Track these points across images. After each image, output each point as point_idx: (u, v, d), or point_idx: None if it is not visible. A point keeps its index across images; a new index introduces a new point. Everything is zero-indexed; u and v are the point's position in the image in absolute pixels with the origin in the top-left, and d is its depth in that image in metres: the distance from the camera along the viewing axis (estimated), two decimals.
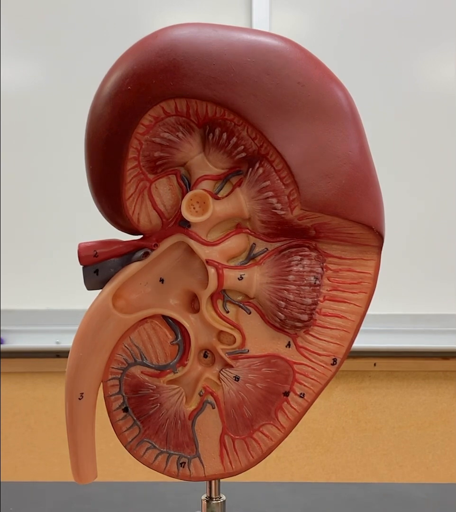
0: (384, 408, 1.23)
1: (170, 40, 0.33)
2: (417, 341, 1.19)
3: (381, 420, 1.23)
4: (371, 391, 1.22)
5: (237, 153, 0.35)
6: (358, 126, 0.35)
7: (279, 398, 0.38)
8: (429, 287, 1.22)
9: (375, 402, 1.23)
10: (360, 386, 1.22)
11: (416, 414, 1.23)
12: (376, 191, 0.35)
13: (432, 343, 1.19)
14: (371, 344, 1.17)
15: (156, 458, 0.40)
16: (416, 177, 1.21)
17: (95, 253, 0.37)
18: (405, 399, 1.22)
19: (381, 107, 1.20)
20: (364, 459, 1.23)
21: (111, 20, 1.21)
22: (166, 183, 0.37)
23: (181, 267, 0.38)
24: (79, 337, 0.37)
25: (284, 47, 0.34)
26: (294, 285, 0.36)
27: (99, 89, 0.35)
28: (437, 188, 1.21)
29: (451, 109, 1.20)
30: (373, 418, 1.23)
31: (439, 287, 1.22)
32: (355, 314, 0.37)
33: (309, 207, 0.34)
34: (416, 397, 1.22)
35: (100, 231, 0.41)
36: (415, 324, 1.21)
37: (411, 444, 1.23)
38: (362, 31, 1.21)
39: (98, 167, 0.35)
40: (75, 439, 0.38)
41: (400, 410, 1.23)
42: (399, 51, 1.21)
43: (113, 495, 0.68)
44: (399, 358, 1.20)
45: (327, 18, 1.22)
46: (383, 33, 1.21)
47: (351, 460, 1.24)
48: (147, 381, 0.39)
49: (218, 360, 0.39)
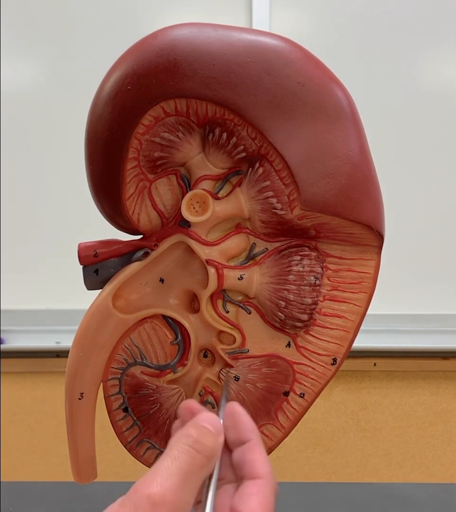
0: (384, 408, 1.23)
1: (170, 40, 0.33)
2: (417, 341, 1.19)
3: (381, 420, 1.23)
4: (371, 391, 1.22)
5: (237, 153, 0.35)
6: (358, 126, 0.35)
7: (279, 398, 0.38)
8: (429, 287, 1.22)
9: (375, 402, 1.23)
10: (360, 386, 1.22)
11: (416, 414, 1.22)
12: (376, 191, 0.35)
13: (432, 343, 1.19)
14: (371, 344, 1.17)
15: (156, 458, 0.40)
16: (416, 177, 1.21)
17: (95, 253, 0.37)
18: (405, 399, 1.22)
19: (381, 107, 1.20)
20: (364, 459, 1.23)
21: (111, 20, 1.21)
22: (166, 183, 0.37)
23: (181, 267, 0.38)
24: (79, 337, 0.37)
25: (284, 47, 0.34)
26: (294, 285, 0.36)
27: (99, 89, 0.35)
28: (437, 188, 1.21)
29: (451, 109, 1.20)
30: (373, 418, 1.23)
31: (439, 287, 1.21)
32: (355, 314, 0.37)
33: (309, 207, 0.34)
34: (416, 397, 1.22)
35: (100, 231, 0.41)
36: (415, 324, 1.21)
37: (411, 444, 1.23)
38: (362, 31, 1.21)
39: (98, 167, 0.35)
40: (75, 439, 0.38)
41: (400, 410, 1.23)
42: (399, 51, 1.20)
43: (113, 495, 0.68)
44: (399, 358, 1.20)
45: (327, 18, 1.21)
46: (383, 33, 1.21)
47: (351, 460, 1.23)
48: (147, 381, 0.39)
49: (218, 360, 0.39)
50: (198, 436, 0.29)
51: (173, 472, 0.26)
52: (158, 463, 0.27)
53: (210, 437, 0.29)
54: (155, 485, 0.25)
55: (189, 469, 0.27)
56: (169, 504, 0.25)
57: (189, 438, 0.29)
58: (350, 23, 1.21)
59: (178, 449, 0.28)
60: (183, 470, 0.27)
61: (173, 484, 0.26)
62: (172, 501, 0.25)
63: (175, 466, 0.27)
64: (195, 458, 0.28)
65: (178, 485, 0.26)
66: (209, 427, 0.30)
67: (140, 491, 0.26)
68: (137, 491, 0.26)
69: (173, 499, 0.25)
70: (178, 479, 0.26)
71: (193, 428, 0.29)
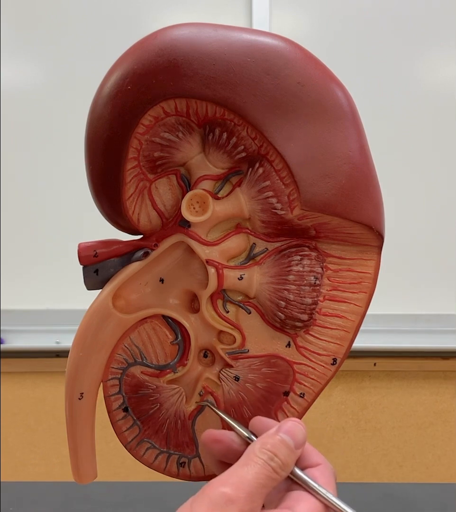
0: (384, 408, 1.23)
1: (170, 40, 0.33)
2: (417, 341, 1.19)
3: (381, 420, 1.23)
4: (371, 391, 1.22)
5: (237, 153, 0.35)
6: (358, 126, 0.35)
7: (279, 398, 0.38)
8: (429, 287, 1.22)
9: (375, 402, 1.23)
10: (360, 386, 1.22)
11: (416, 414, 1.22)
12: (376, 191, 0.35)
13: (432, 343, 1.19)
14: (371, 344, 1.17)
15: (156, 458, 0.40)
16: (417, 177, 1.21)
17: (95, 253, 0.37)
18: (405, 399, 1.22)
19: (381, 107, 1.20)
20: (364, 459, 1.23)
21: (111, 20, 1.21)
22: (166, 183, 0.37)
23: (181, 267, 0.38)
24: (79, 337, 0.37)
25: (284, 47, 0.34)
26: (294, 285, 0.36)
27: (99, 89, 0.35)
28: (437, 188, 1.21)
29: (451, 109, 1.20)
30: (373, 418, 1.23)
31: (439, 287, 1.21)
32: (355, 314, 0.37)
33: (309, 207, 0.34)
34: (416, 397, 1.22)
35: (100, 231, 0.41)
36: (415, 324, 1.21)
37: (411, 444, 1.23)
38: (362, 31, 1.21)
39: (98, 167, 0.35)
40: (75, 439, 0.38)
41: (400, 410, 1.23)
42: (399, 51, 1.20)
43: (113, 495, 0.68)
44: (399, 358, 1.20)
45: (327, 18, 1.21)
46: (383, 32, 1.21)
47: (351, 460, 1.23)
48: (147, 381, 0.39)
49: (218, 360, 0.39)
50: (274, 451, 0.30)
51: (248, 478, 0.28)
52: (234, 467, 0.29)
53: (285, 450, 0.31)
54: (230, 484, 0.28)
55: (263, 479, 0.29)
56: (241, 504, 0.27)
57: (265, 452, 0.30)
58: (350, 23, 1.21)
59: (254, 460, 0.30)
60: (258, 477, 0.29)
61: (247, 486, 0.28)
62: (244, 502, 0.27)
63: (251, 473, 0.29)
64: (269, 470, 0.29)
65: (252, 487, 0.28)
66: (286, 440, 0.31)
67: (217, 488, 0.28)
68: (213, 488, 0.28)
69: (245, 500, 0.27)
70: (252, 484, 0.28)
71: (270, 440, 0.31)
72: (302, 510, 0.29)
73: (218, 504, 0.27)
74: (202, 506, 0.27)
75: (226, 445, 0.34)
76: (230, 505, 0.27)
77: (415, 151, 1.21)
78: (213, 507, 0.27)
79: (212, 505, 0.27)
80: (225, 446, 0.34)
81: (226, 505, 0.27)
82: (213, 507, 0.27)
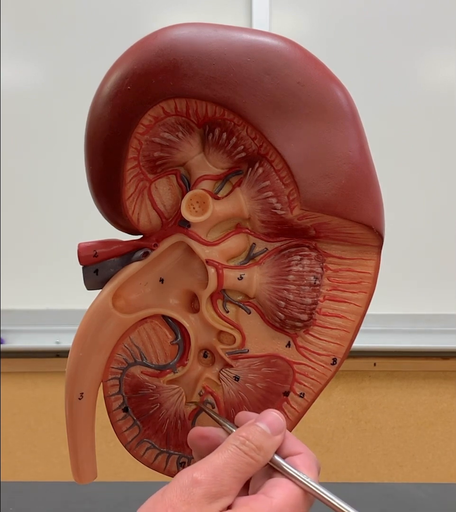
0: (384, 408, 1.23)
1: (170, 40, 0.33)
2: (417, 341, 1.19)
3: (381, 420, 1.23)
4: (371, 391, 1.22)
5: (237, 153, 0.35)
6: (358, 126, 0.35)
7: (279, 398, 0.38)
8: (429, 287, 1.22)
9: (375, 402, 1.23)
10: (360, 386, 1.22)
11: (416, 414, 1.23)
12: (376, 191, 0.35)
13: (432, 343, 1.19)
14: (371, 344, 1.17)
15: (156, 458, 0.40)
16: (417, 177, 1.21)
17: (95, 253, 0.37)
18: (405, 399, 1.22)
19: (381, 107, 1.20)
20: (364, 459, 1.23)
21: (111, 20, 1.21)
22: (166, 183, 0.37)
23: (181, 267, 0.38)
24: (79, 337, 0.37)
25: (284, 47, 0.34)
26: (294, 285, 0.36)
27: (99, 89, 0.35)
28: (437, 188, 1.21)
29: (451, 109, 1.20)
30: (373, 418, 1.23)
31: (439, 287, 1.22)
32: (355, 314, 0.37)
33: (309, 207, 0.34)
34: (416, 397, 1.22)
35: (100, 231, 0.41)
36: (415, 324, 1.21)
37: (411, 444, 1.23)
38: (362, 31, 1.21)
39: (98, 167, 0.35)
40: (75, 439, 0.38)
41: (400, 410, 1.23)
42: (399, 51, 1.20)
43: (113, 495, 0.68)
44: (399, 358, 1.20)
45: (327, 18, 1.21)
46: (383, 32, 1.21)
47: (351, 460, 1.23)
48: (147, 381, 0.39)
49: (218, 360, 0.39)
50: (246, 435, 0.31)
51: (217, 462, 0.29)
52: (208, 455, 0.30)
53: (259, 435, 0.31)
54: (199, 469, 0.29)
55: (235, 464, 0.29)
56: (208, 486, 0.28)
57: (238, 438, 0.31)
58: (350, 23, 1.21)
59: (226, 446, 0.30)
60: (227, 462, 0.29)
61: (215, 469, 0.29)
62: (211, 484, 0.28)
63: (221, 458, 0.29)
64: (241, 455, 0.30)
65: (220, 471, 0.29)
66: (261, 426, 0.31)
67: (186, 473, 0.29)
68: (183, 473, 0.29)
69: (212, 482, 0.28)
70: (220, 468, 0.29)
71: (245, 428, 0.31)
72: (278, 495, 0.29)
73: (186, 487, 0.28)
74: (172, 491, 0.28)
75: (212, 441, 0.34)
76: (197, 486, 0.28)
77: (415, 151, 1.21)
78: (181, 490, 0.28)
79: (180, 488, 0.28)
80: (212, 442, 0.34)
81: (193, 487, 0.28)
82: (181, 491, 0.28)
